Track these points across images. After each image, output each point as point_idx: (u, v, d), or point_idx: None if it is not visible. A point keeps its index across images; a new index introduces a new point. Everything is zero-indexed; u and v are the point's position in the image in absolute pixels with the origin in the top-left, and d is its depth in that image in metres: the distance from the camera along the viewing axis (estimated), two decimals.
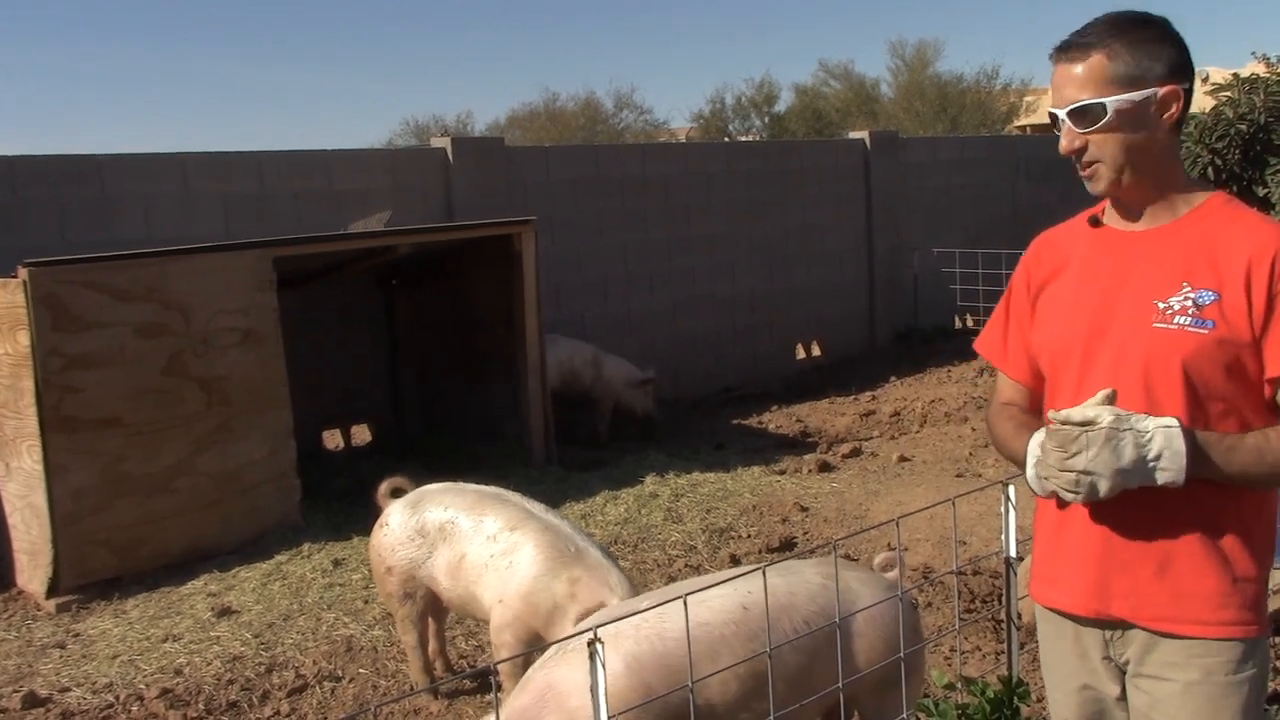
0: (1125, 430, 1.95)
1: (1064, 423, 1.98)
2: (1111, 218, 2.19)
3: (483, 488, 4.39)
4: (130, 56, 67.62)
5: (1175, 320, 2.03)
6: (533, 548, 3.94)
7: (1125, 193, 2.11)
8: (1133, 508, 2.04)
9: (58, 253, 6.32)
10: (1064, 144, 2.09)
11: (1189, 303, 2.02)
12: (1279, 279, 1.97)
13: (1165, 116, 2.04)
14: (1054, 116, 2.10)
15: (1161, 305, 2.05)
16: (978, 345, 2.43)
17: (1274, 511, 2.12)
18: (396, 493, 4.52)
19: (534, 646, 3.74)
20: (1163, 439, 1.94)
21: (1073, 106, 2.05)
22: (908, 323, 12.12)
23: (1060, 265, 2.23)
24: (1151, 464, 1.95)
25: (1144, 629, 2.10)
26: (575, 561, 3.89)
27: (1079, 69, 2.05)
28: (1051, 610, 2.25)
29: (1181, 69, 2.05)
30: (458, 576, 4.12)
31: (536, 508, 4.21)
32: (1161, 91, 2.03)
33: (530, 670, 2.94)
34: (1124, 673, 2.16)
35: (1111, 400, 1.99)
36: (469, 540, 4.11)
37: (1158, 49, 2.03)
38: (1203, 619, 2.05)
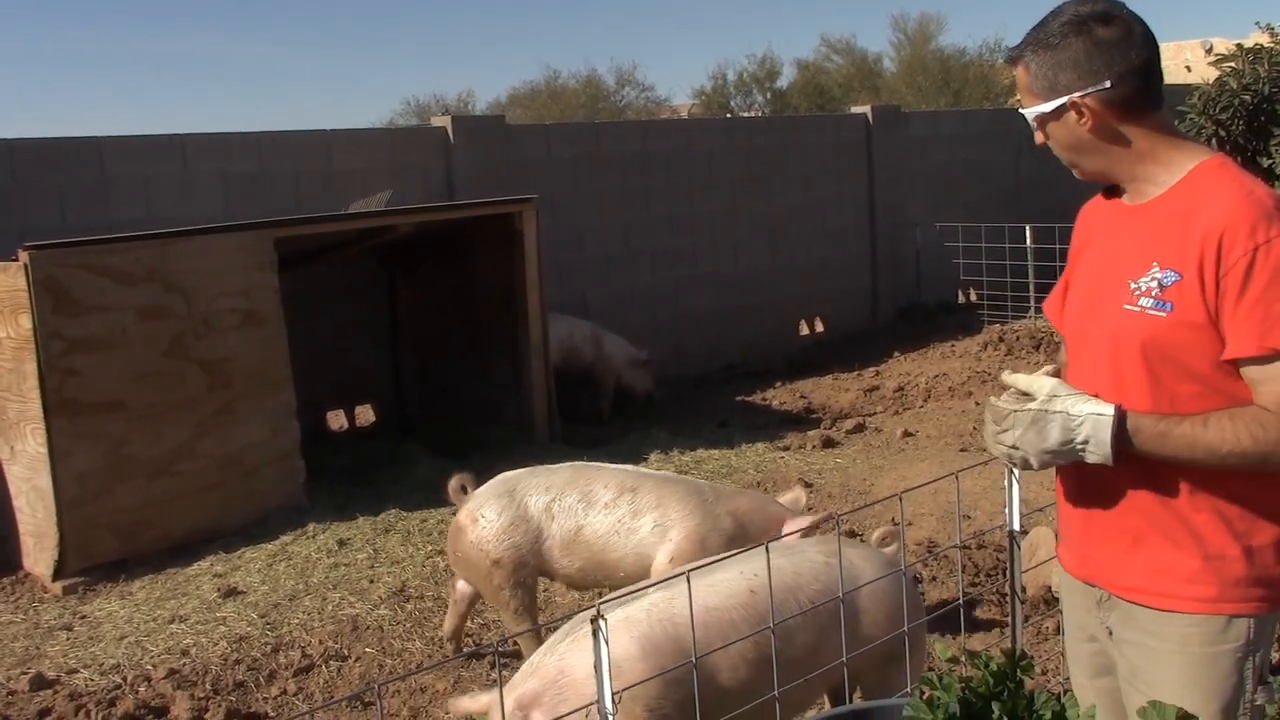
0: (1055, 413, 1.97)
1: (1009, 388, 2.06)
2: (1120, 189, 2.15)
3: (561, 465, 4.52)
4: (129, 37, 67.41)
5: (1139, 302, 1.99)
6: (675, 501, 4.13)
7: (1094, 177, 2.12)
8: (1110, 481, 2.04)
9: (57, 235, 6.31)
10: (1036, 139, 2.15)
11: (1154, 283, 1.98)
12: (1226, 258, 1.89)
13: (1080, 121, 2.01)
14: None
15: (1132, 285, 2.01)
16: (1044, 305, 2.40)
17: None
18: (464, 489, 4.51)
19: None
20: (1090, 427, 1.95)
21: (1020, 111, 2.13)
22: (910, 298, 12.08)
23: (1089, 237, 2.21)
24: (1079, 447, 1.96)
25: (1120, 598, 2.11)
26: (717, 498, 4.17)
27: (1015, 76, 2.11)
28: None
29: (1098, 71, 1.98)
30: (574, 550, 4.21)
31: (628, 467, 4.47)
32: (1069, 101, 2.00)
33: (537, 655, 2.93)
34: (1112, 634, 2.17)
35: (1057, 374, 2.06)
36: (584, 513, 4.21)
37: (1068, 58, 1.99)
38: (1173, 593, 2.03)
